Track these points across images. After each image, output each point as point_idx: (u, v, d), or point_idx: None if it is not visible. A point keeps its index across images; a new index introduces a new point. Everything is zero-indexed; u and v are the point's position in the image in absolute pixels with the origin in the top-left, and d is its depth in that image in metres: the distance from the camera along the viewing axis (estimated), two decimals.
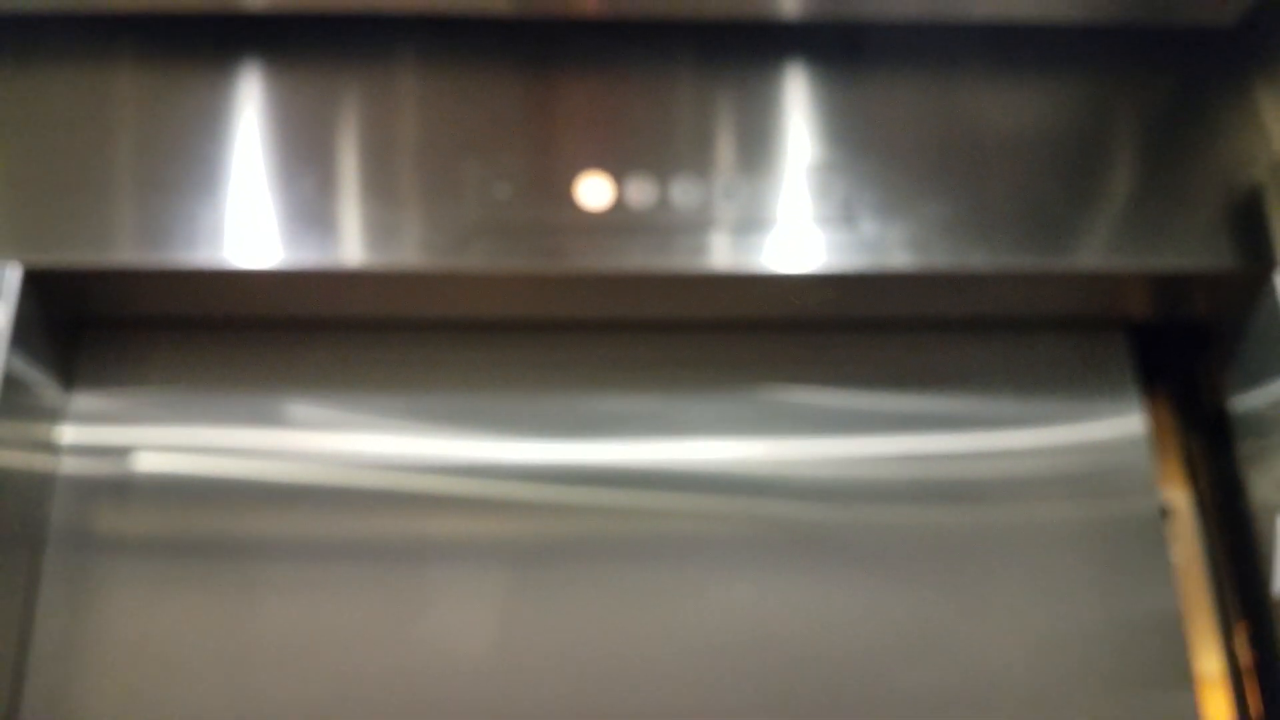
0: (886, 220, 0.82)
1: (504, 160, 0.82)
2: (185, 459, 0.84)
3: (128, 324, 0.87)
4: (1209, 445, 0.93)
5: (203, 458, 0.84)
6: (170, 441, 0.84)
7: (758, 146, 0.84)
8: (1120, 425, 0.88)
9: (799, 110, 0.85)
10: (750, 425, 0.87)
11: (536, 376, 0.88)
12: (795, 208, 0.82)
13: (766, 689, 0.79)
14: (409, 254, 0.78)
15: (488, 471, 0.85)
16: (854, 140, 0.84)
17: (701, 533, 0.84)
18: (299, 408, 0.86)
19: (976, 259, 0.81)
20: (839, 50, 0.87)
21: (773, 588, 0.82)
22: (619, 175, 0.82)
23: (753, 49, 0.86)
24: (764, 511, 0.84)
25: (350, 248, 0.78)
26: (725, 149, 0.84)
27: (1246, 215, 0.82)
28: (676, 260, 0.80)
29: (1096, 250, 0.81)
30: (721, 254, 0.80)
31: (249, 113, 0.82)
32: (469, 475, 0.85)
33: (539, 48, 0.86)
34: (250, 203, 0.79)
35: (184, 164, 0.80)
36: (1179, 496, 0.92)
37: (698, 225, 0.81)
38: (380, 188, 0.80)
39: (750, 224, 0.81)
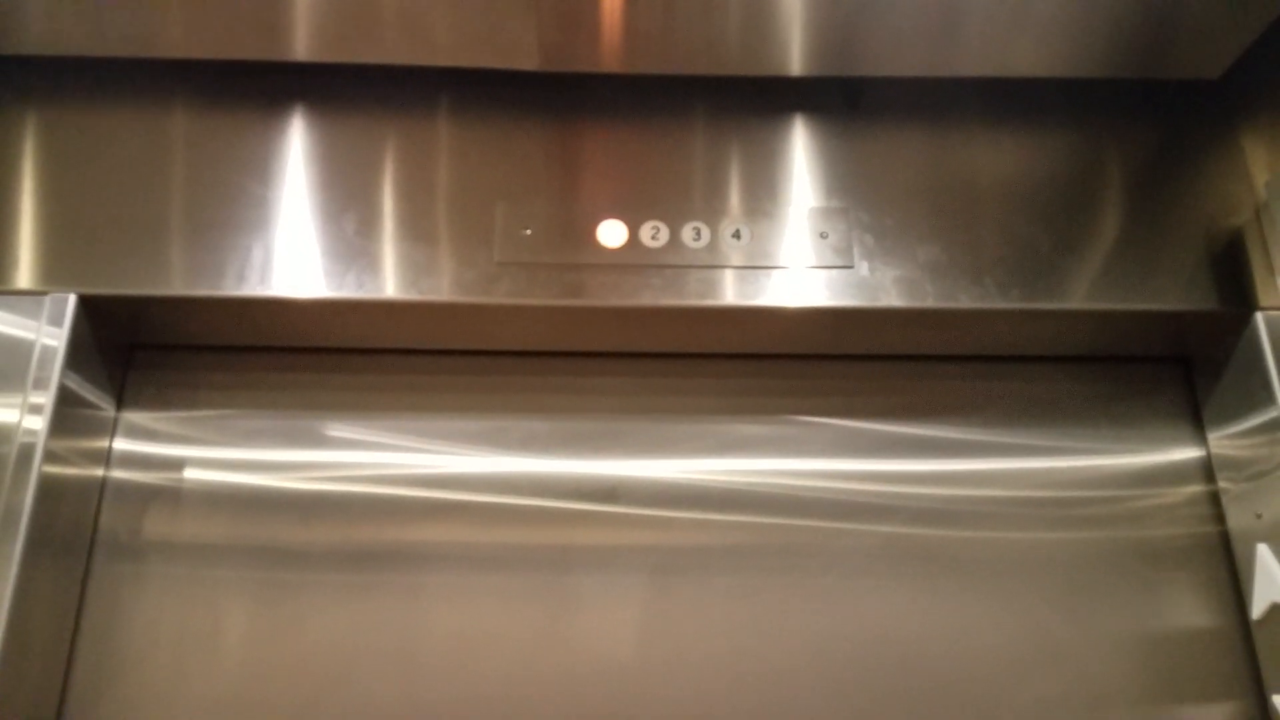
0: (883, 261, 0.85)
1: (529, 203, 0.86)
2: (227, 474, 0.87)
3: (177, 348, 0.90)
4: None
5: (244, 473, 0.87)
6: (214, 457, 0.87)
7: (764, 192, 0.87)
8: (1181, 453, 0.91)
9: (802, 159, 0.89)
10: (862, 450, 0.90)
11: (557, 401, 0.91)
12: (798, 249, 0.85)
13: (889, 695, 0.82)
14: (442, 288, 0.82)
15: (496, 485, 0.87)
16: (854, 187, 0.87)
17: (827, 549, 0.86)
18: (336, 429, 0.89)
19: (966, 299, 0.83)
20: (840, 104, 0.90)
21: (895, 602, 0.85)
22: (635, 219, 0.85)
23: (760, 102, 0.90)
24: (884, 531, 0.87)
25: (388, 282, 0.82)
26: (733, 195, 0.87)
27: (1230, 258, 0.85)
28: (688, 296, 0.83)
29: (1084, 292, 0.83)
30: (729, 290, 0.83)
31: (295, 156, 0.86)
32: (471, 488, 0.87)
33: (563, 100, 0.90)
34: (295, 240, 0.83)
35: (234, 203, 0.84)
36: None
37: (707, 265, 0.84)
38: (416, 227, 0.84)
39: (755, 263, 0.84)
